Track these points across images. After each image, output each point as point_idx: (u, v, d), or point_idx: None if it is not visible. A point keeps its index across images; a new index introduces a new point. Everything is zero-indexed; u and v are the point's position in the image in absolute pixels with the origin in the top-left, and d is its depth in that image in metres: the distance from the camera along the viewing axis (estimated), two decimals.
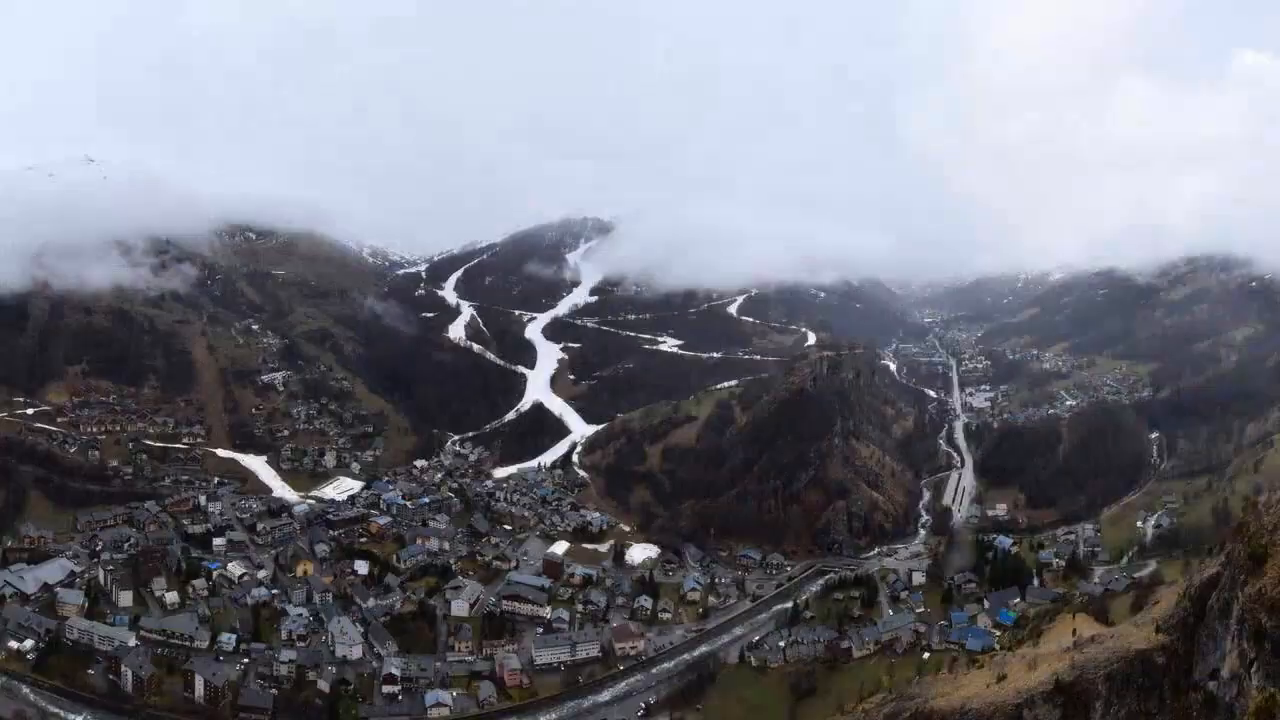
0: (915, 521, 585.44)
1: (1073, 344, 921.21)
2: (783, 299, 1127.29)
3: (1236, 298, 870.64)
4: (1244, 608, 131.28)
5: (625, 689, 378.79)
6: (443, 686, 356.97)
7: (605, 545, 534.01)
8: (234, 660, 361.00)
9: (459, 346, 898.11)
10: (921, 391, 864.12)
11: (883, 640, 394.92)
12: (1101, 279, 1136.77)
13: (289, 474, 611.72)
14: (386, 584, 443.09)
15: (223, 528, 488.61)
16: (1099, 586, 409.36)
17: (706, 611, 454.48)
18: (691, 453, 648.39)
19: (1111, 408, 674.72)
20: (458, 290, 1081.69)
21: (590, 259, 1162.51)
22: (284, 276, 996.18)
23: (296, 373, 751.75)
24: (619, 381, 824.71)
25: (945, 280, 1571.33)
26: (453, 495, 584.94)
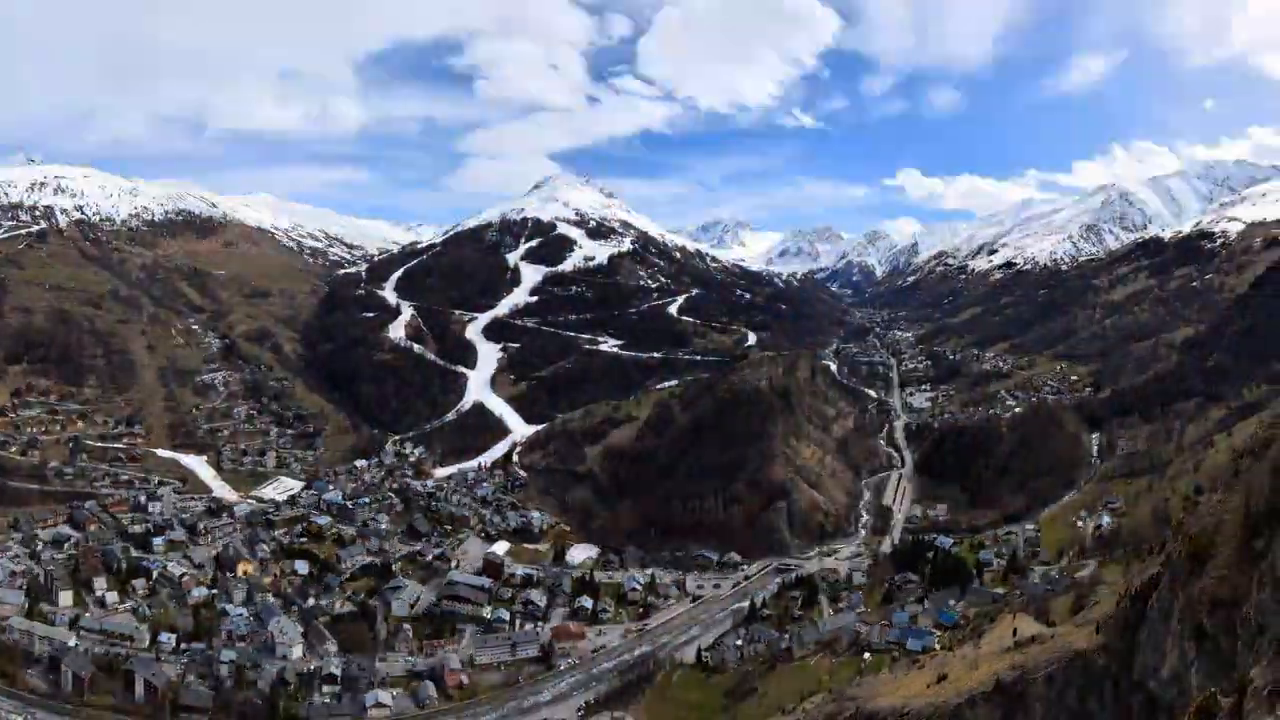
0: (856, 521, 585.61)
1: (1013, 344, 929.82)
2: (724, 299, 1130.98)
3: (1177, 298, 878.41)
4: (1184, 608, 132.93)
5: (565, 688, 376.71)
6: (383, 686, 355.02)
7: (545, 545, 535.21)
8: (174, 660, 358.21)
9: (399, 346, 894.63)
10: (862, 391, 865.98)
11: (823, 640, 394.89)
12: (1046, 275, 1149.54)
13: (229, 474, 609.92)
14: (327, 584, 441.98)
15: (163, 527, 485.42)
16: (1039, 586, 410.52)
17: (646, 611, 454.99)
18: (631, 452, 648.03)
19: (1052, 408, 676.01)
20: (398, 290, 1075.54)
21: (531, 259, 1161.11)
22: (224, 276, 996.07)
23: (237, 372, 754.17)
24: (559, 381, 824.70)
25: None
26: (393, 495, 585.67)
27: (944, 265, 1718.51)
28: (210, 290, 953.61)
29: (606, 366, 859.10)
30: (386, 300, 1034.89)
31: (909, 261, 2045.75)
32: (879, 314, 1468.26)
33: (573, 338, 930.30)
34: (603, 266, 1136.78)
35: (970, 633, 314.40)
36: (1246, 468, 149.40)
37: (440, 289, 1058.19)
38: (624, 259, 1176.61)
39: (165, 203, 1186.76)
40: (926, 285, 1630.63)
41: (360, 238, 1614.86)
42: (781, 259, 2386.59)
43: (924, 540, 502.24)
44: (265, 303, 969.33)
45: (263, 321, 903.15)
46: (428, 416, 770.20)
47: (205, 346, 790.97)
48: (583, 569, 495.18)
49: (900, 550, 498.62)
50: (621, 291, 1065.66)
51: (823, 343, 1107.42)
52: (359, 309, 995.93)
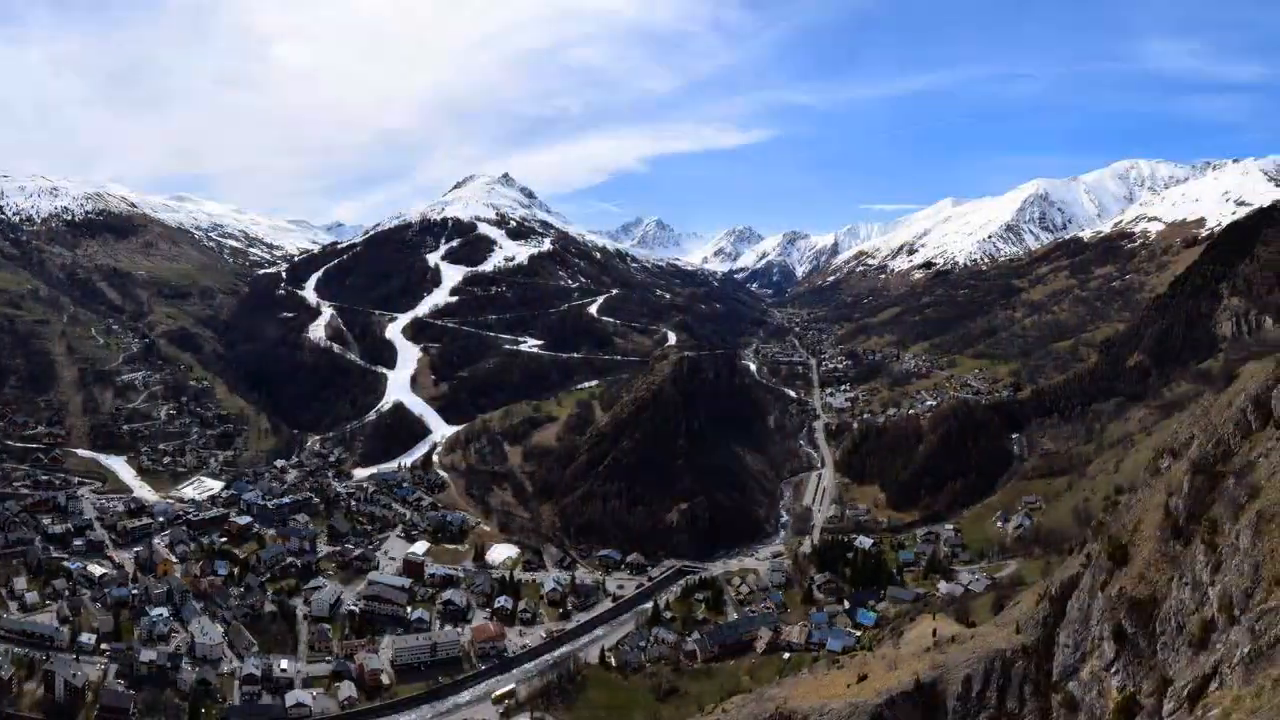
0: (776, 522, 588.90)
1: (934, 344, 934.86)
2: (643, 299, 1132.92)
3: (1097, 297, 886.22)
4: (1104, 608, 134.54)
5: (485, 689, 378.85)
6: (303, 686, 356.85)
7: (466, 545, 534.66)
8: (95, 660, 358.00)
9: (319, 347, 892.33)
10: (782, 391, 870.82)
11: (743, 641, 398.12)
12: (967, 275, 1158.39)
13: (149, 474, 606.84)
14: (247, 584, 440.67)
15: (83, 527, 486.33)
16: (959, 587, 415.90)
17: (567, 612, 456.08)
18: (552, 453, 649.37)
19: (972, 407, 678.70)
20: (318, 290, 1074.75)
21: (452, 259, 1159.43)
22: (144, 277, 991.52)
23: (157, 373, 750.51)
24: (480, 382, 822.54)
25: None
26: (313, 495, 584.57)
27: (864, 265, 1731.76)
28: (130, 291, 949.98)
29: (527, 367, 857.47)
30: (307, 300, 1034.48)
31: (829, 262, 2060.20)
32: (799, 314, 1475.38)
33: (493, 338, 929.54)
34: (523, 266, 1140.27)
35: (890, 633, 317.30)
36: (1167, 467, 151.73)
37: (361, 289, 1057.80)
38: (544, 259, 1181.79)
39: (86, 203, 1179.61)
40: (847, 285, 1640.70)
41: (281, 238, 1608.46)
42: (717, 258, 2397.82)
43: (844, 540, 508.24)
44: (185, 303, 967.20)
45: (183, 322, 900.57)
46: (348, 417, 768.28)
47: (125, 347, 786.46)
48: (503, 569, 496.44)
49: (820, 550, 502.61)
50: (542, 292, 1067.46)
51: (743, 343, 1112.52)
52: (279, 309, 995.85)
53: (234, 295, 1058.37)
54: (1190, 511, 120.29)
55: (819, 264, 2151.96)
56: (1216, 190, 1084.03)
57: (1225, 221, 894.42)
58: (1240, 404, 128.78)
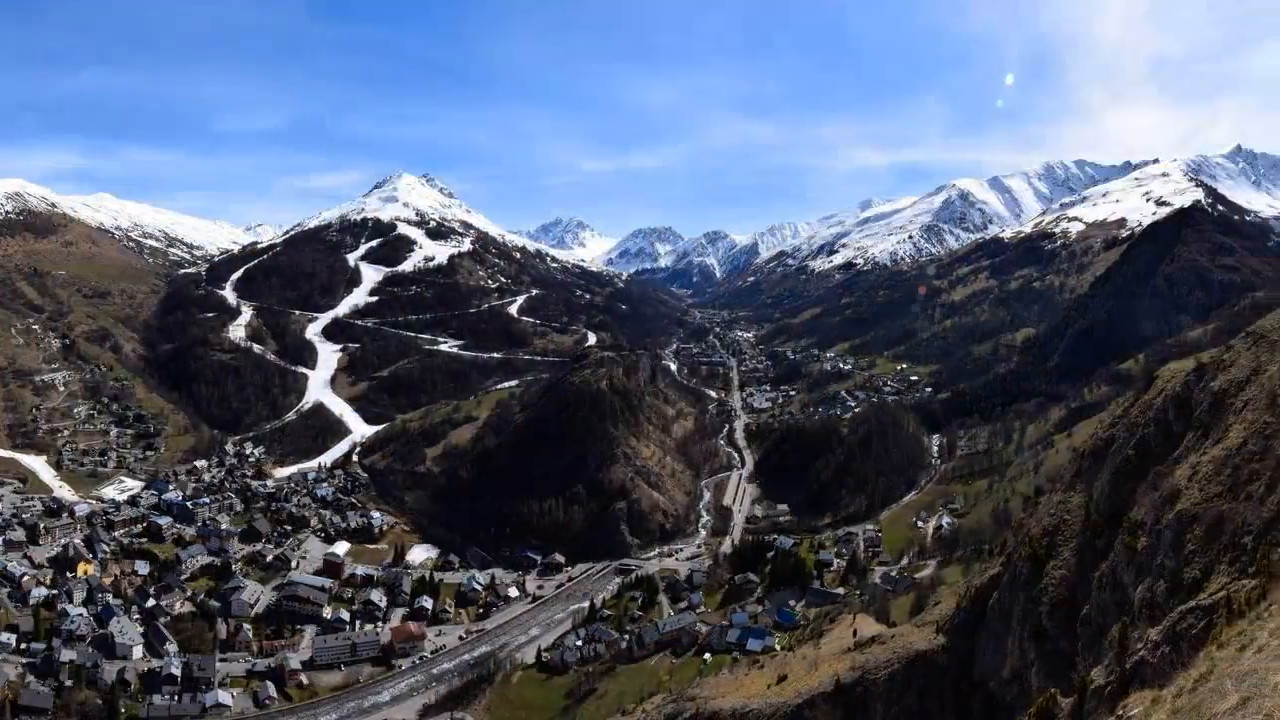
0: (696, 522, 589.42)
1: (853, 344, 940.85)
2: (563, 299, 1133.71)
3: (1017, 298, 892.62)
4: (1024, 608, 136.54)
5: (405, 688, 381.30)
6: (223, 687, 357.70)
7: (385, 545, 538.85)
8: (14, 660, 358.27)
9: (239, 347, 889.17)
10: (702, 392, 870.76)
11: (663, 641, 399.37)
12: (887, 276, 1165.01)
13: (69, 474, 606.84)
14: (167, 584, 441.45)
15: (2, 527, 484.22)
16: (880, 587, 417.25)
17: (486, 611, 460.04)
18: (471, 453, 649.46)
19: (892, 408, 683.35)
20: (237, 290, 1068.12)
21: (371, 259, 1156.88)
22: (64, 276, 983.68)
23: (77, 372, 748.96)
24: (399, 382, 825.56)
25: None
26: (233, 495, 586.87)
27: (784, 266, 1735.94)
28: (50, 290, 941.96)
29: (446, 367, 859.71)
30: (226, 300, 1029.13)
31: (749, 262, 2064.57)
32: (719, 314, 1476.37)
33: (413, 338, 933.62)
34: (443, 266, 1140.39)
35: (810, 633, 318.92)
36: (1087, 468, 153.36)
37: (280, 289, 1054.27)
38: (464, 259, 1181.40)
39: (5, 202, 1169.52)
40: (767, 286, 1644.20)
41: (200, 238, 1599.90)
42: (622, 259, 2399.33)
43: (764, 541, 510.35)
44: (105, 303, 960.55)
45: (102, 321, 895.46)
46: (268, 417, 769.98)
47: (45, 346, 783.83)
48: (423, 569, 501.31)
49: (740, 551, 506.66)
50: (461, 292, 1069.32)
51: (663, 343, 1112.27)
52: (199, 309, 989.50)
53: (154, 295, 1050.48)
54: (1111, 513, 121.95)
55: (739, 264, 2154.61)
56: (1138, 191, 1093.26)
57: (1146, 222, 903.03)
58: (1160, 404, 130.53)
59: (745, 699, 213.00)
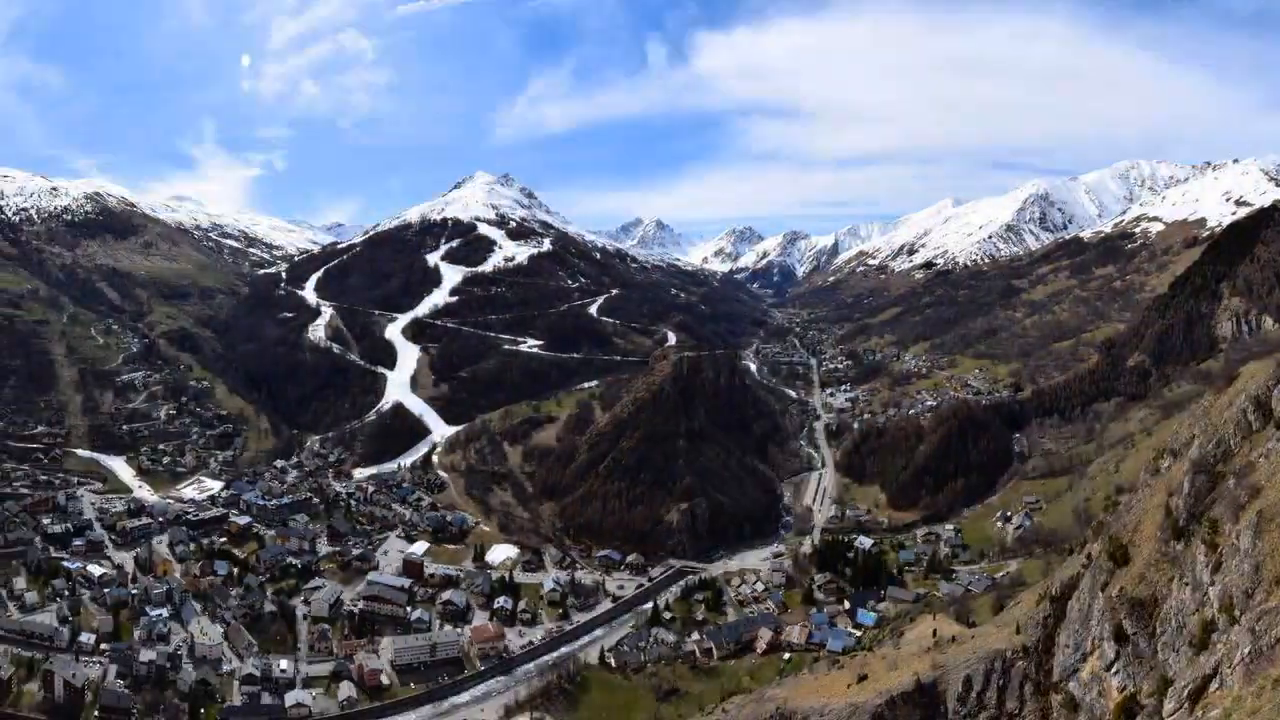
0: (776, 522, 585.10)
1: (934, 344, 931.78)
2: (643, 299, 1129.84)
3: (1098, 297, 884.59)
4: (1105, 608, 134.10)
5: (485, 689, 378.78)
6: (303, 687, 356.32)
7: (466, 545, 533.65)
8: (94, 660, 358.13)
9: (319, 347, 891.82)
10: (782, 391, 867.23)
11: (743, 641, 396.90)
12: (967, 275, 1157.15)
13: (149, 474, 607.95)
14: (247, 584, 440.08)
15: (83, 527, 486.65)
16: (959, 587, 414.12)
17: (567, 612, 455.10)
18: (551, 453, 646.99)
19: (973, 407, 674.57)
20: (318, 290, 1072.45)
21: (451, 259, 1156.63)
22: (144, 277, 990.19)
23: (156, 373, 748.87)
24: (479, 382, 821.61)
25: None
26: (313, 495, 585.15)
27: (865, 265, 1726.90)
28: (130, 291, 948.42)
29: (527, 367, 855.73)
30: (307, 301, 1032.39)
31: (830, 261, 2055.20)
32: (800, 314, 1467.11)
33: (493, 338, 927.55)
34: (523, 267, 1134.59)
35: (890, 633, 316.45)
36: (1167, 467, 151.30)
37: (360, 289, 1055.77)
38: (544, 259, 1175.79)
39: (85, 203, 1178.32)
40: (847, 285, 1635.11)
41: (280, 238, 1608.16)
42: (717, 258, 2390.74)
43: (844, 541, 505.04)
44: (185, 303, 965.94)
45: (183, 322, 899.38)
46: (348, 417, 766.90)
47: (125, 347, 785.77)
48: (503, 570, 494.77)
49: (820, 551, 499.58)
50: (542, 292, 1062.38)
51: (743, 343, 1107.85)
52: (279, 309, 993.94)
53: (233, 295, 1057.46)
54: (1191, 512, 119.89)
55: (819, 264, 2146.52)
56: (1217, 190, 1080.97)
57: (1225, 221, 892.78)
58: (1240, 404, 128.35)
59: (825, 699, 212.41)
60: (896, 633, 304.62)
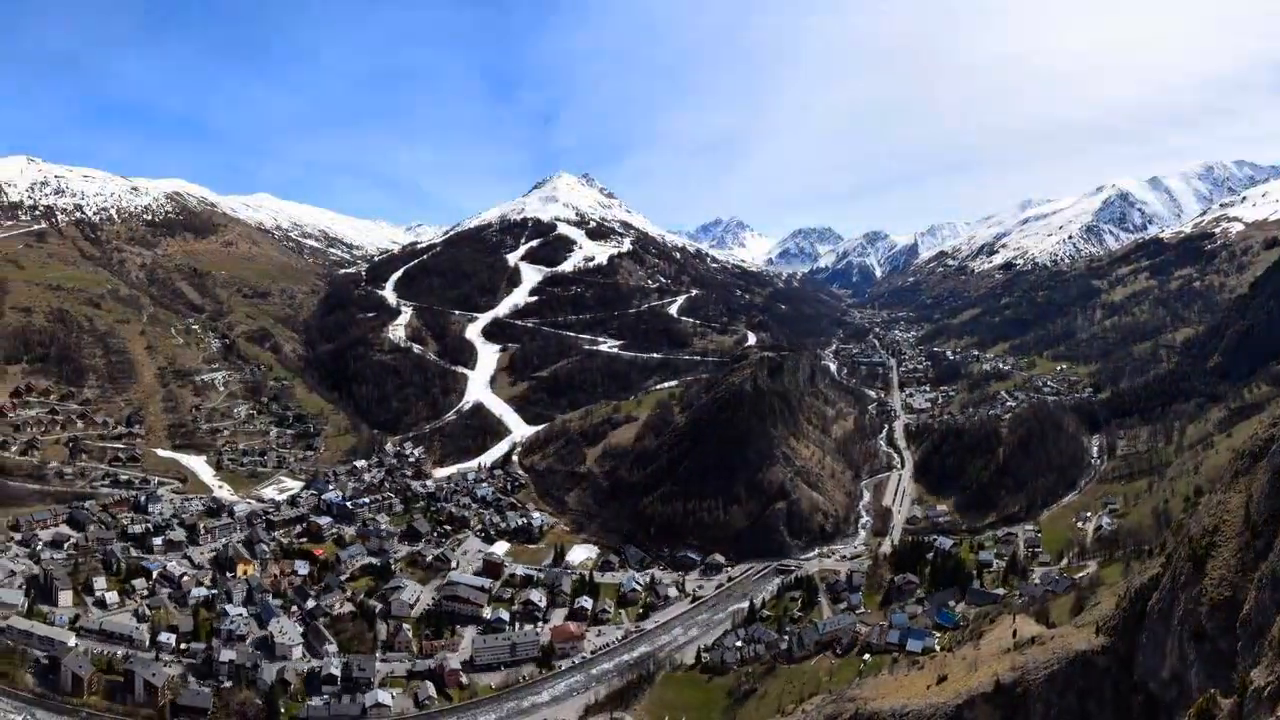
0: (855, 522, 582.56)
1: (1013, 345, 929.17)
2: (723, 299, 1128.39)
3: (1177, 298, 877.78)
4: (1184, 609, 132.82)
5: (565, 689, 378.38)
6: (383, 686, 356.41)
7: (544, 545, 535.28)
8: (174, 660, 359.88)
9: (399, 347, 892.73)
10: (862, 392, 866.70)
11: (823, 641, 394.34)
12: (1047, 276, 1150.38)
13: (229, 474, 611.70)
14: (327, 584, 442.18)
15: (163, 527, 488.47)
16: (1039, 588, 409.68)
17: (646, 611, 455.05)
18: (631, 453, 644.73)
19: (1052, 408, 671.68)
20: (397, 290, 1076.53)
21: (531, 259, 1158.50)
22: (224, 276, 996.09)
23: (236, 372, 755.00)
24: (559, 382, 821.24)
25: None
26: (393, 495, 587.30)
27: (944, 266, 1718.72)
28: (210, 290, 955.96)
29: (606, 367, 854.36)
30: (386, 300, 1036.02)
31: (909, 262, 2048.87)
32: (879, 314, 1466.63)
33: (573, 338, 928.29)
34: (603, 267, 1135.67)
35: (970, 634, 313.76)
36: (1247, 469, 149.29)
37: (440, 289, 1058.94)
38: (624, 259, 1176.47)
39: (165, 202, 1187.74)
40: (927, 286, 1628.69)
41: (360, 237, 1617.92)
42: (782, 259, 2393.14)
43: (924, 541, 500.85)
44: (265, 303, 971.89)
45: (262, 321, 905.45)
46: (428, 417, 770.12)
47: (205, 346, 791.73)
48: (582, 569, 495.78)
49: (900, 551, 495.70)
50: (621, 292, 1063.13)
51: (823, 343, 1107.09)
52: (359, 309, 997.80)
53: (314, 295, 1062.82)
54: (1270, 513, 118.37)
55: (899, 264, 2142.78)
56: None
57: None
58: None
59: (905, 699, 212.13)
60: (976, 633, 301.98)
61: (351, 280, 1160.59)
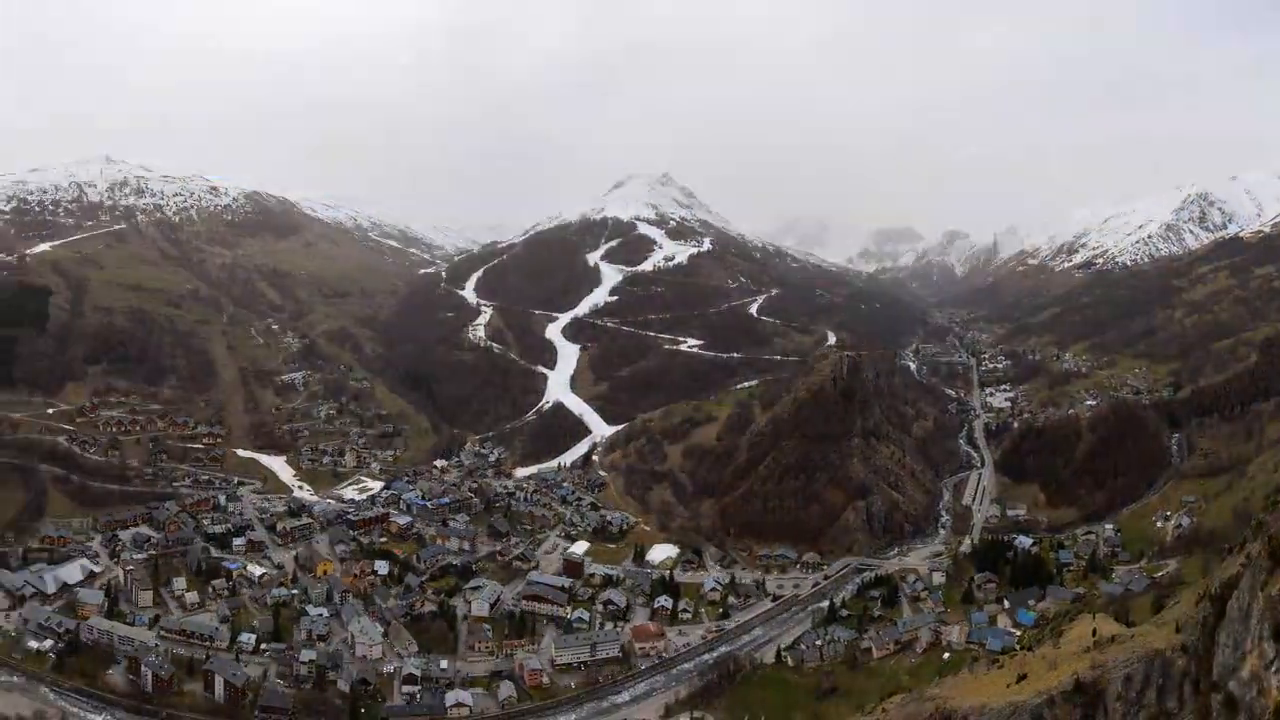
0: (935, 521, 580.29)
1: (1093, 343, 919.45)
2: (803, 299, 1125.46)
3: (1258, 297, 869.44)
4: (1264, 608, 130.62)
5: (645, 689, 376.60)
6: (462, 686, 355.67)
7: (625, 545, 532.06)
8: (254, 660, 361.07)
9: (479, 346, 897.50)
10: (941, 391, 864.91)
11: (903, 640, 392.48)
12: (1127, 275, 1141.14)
13: (309, 473, 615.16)
14: (407, 584, 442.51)
15: (243, 527, 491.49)
16: (1119, 586, 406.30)
17: (726, 611, 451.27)
18: (712, 452, 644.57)
19: (1132, 407, 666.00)
20: (478, 290, 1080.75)
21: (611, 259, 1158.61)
22: (304, 276, 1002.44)
23: (316, 372, 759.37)
24: (639, 381, 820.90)
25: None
26: (473, 495, 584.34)
27: (1024, 265, 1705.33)
28: (290, 290, 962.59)
29: (687, 366, 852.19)
30: (466, 300, 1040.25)
31: (989, 261, 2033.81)
32: (958, 314, 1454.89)
33: (653, 338, 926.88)
34: (683, 266, 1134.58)
35: (1049, 633, 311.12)
36: None
37: (520, 289, 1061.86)
38: (704, 259, 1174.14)
39: (245, 202, 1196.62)
40: (1006, 285, 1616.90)
41: (440, 238, 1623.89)
42: (862, 259, 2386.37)
43: (1004, 540, 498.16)
44: (345, 303, 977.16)
45: (342, 321, 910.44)
46: (508, 416, 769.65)
47: (285, 347, 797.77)
48: (663, 569, 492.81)
49: (980, 550, 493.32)
50: (701, 291, 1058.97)
51: (903, 342, 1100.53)
52: (439, 309, 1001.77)
53: (393, 295, 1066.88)
54: None
55: (978, 263, 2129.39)
56: None
57: None
58: None
59: (984, 698, 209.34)
60: (1056, 632, 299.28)
61: (431, 280, 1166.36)
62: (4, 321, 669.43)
